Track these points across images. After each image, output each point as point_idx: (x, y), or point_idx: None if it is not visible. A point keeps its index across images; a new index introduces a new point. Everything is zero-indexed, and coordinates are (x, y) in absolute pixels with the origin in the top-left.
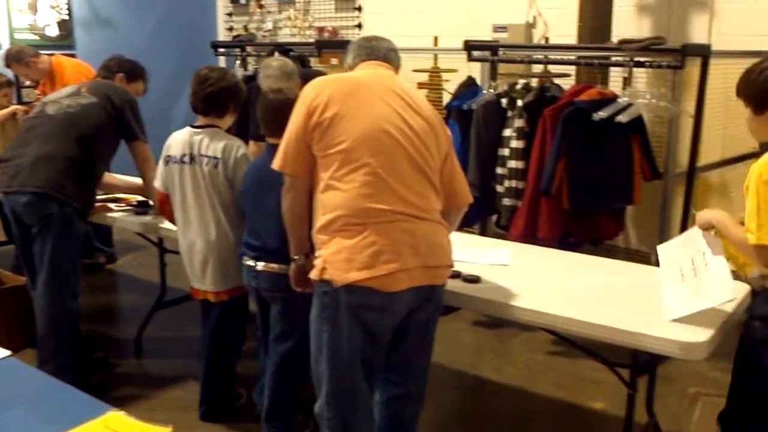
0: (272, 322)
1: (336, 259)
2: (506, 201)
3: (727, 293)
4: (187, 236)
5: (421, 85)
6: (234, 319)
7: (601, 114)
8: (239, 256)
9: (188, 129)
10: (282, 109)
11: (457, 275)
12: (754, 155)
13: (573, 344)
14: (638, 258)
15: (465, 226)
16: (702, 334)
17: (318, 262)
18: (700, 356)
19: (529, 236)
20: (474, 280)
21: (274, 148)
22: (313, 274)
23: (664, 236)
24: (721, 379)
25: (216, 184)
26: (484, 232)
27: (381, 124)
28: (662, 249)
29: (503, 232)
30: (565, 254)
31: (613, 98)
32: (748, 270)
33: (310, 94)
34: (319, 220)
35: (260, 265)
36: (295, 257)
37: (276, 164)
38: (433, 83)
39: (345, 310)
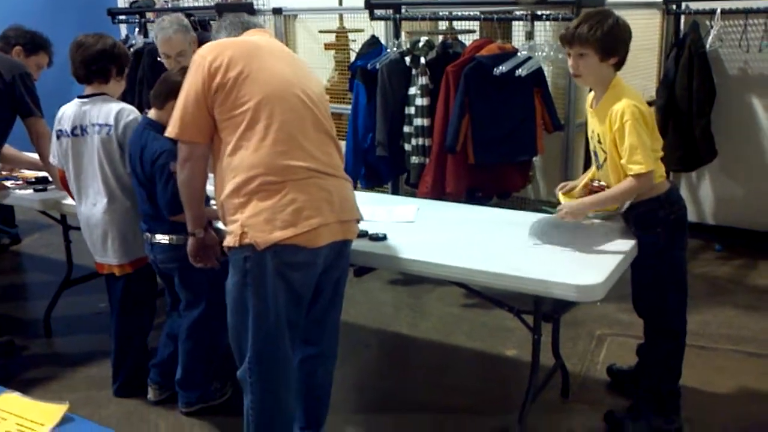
0: (178, 292)
1: (255, 222)
2: (414, 159)
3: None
4: (84, 210)
5: (328, 47)
6: (140, 292)
7: (502, 68)
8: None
9: (76, 100)
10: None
11: (363, 234)
12: (651, 104)
13: (480, 295)
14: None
15: (376, 185)
16: (597, 276)
17: (234, 228)
18: (596, 297)
19: (438, 192)
20: (381, 238)
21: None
22: (230, 241)
23: None
24: (627, 320)
25: (109, 152)
26: (395, 191)
27: (287, 85)
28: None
29: (413, 189)
30: (470, 208)
31: (514, 52)
32: (615, 206)
33: (207, 57)
34: (228, 185)
35: (154, 238)
36: (195, 231)
37: (171, 132)
38: (340, 44)
39: (272, 271)
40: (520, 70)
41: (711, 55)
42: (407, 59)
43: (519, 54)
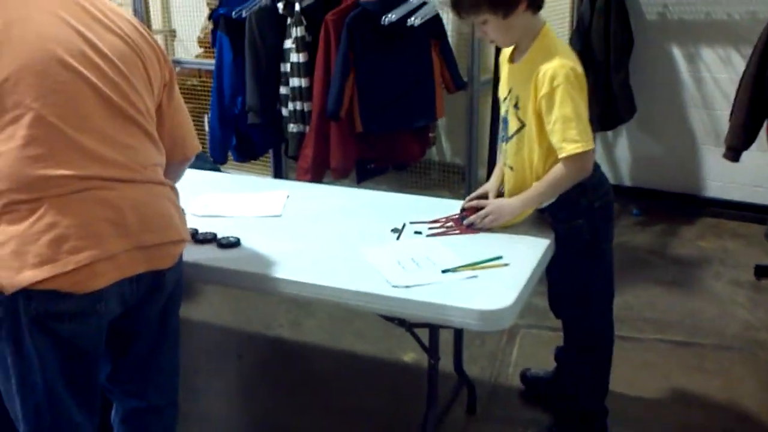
0: None
1: (1, 255)
2: (292, 127)
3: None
4: None
5: None
6: None
7: (391, 17)
8: None
9: None
10: None
11: (211, 239)
12: None
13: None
14: (454, 172)
15: (251, 158)
16: (505, 297)
17: None
18: (504, 325)
19: (321, 168)
20: (232, 243)
21: None
22: None
23: (473, 150)
24: (542, 306)
25: None
26: (278, 165)
27: (51, 48)
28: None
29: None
30: (353, 193)
31: None
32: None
33: None
34: None
35: None
36: None
37: None
38: None
39: (28, 323)
40: (413, 18)
41: None
42: (280, 5)
43: None
